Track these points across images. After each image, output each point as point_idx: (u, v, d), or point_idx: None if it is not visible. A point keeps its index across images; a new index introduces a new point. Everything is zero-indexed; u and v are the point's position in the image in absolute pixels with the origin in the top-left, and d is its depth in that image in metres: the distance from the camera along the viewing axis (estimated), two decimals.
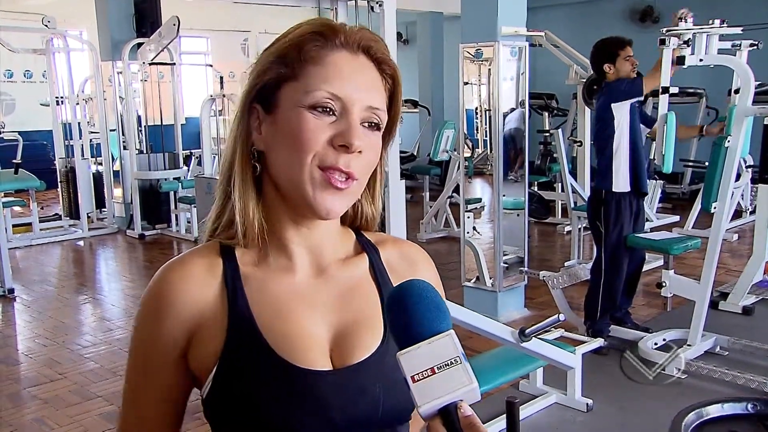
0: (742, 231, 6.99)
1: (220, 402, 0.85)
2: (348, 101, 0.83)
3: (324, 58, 0.83)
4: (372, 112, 0.84)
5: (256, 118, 0.87)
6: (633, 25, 10.55)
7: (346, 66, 0.84)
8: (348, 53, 0.85)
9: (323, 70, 0.83)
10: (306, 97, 0.82)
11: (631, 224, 4.05)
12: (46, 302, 5.49)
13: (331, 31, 0.85)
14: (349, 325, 0.88)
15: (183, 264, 0.89)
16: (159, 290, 0.87)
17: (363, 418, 0.85)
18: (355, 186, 0.84)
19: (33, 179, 7.12)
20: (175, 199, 7.63)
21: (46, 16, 7.43)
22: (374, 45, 0.86)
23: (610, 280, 4.05)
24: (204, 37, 12.43)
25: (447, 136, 7.55)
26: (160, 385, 0.89)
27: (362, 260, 0.94)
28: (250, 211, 0.87)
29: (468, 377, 0.69)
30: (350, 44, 0.85)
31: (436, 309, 0.72)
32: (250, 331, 0.85)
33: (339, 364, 0.86)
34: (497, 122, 4.56)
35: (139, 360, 0.90)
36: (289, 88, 0.84)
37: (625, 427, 3.23)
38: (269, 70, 0.85)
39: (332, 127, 0.82)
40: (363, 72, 0.85)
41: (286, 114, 0.84)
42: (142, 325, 0.89)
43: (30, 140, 8.64)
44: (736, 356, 3.87)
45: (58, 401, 3.64)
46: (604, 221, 3.99)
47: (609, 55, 3.98)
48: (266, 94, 0.86)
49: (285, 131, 0.84)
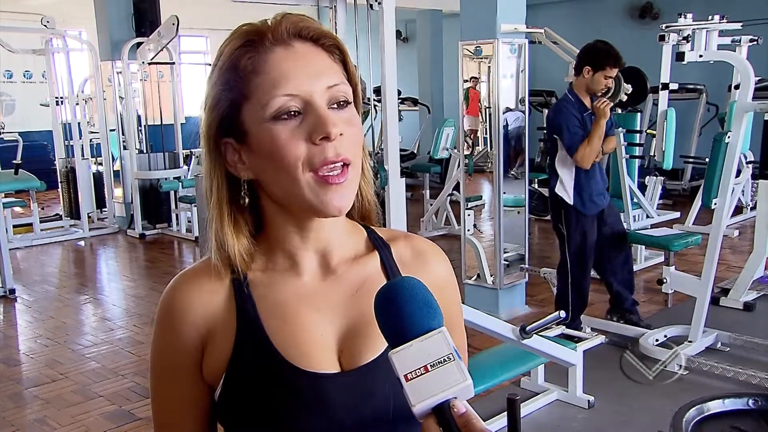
0: (742, 227, 6.99)
1: (230, 406, 0.86)
2: (305, 94, 0.80)
3: (262, 66, 0.80)
4: (334, 90, 0.82)
5: (234, 151, 0.84)
6: (632, 21, 10.55)
7: (287, 62, 0.81)
8: (282, 48, 0.81)
9: (268, 78, 0.80)
10: (265, 111, 0.80)
11: (594, 226, 3.95)
12: (47, 302, 5.50)
13: (256, 35, 0.82)
14: (358, 325, 0.87)
15: (193, 274, 0.89)
16: (171, 301, 0.88)
17: (373, 419, 0.85)
18: (351, 172, 0.82)
19: (33, 180, 7.12)
20: (176, 198, 7.63)
21: (45, 17, 7.43)
22: (304, 26, 0.83)
23: (578, 280, 4.00)
24: (203, 36, 12.44)
25: (447, 133, 7.55)
26: (186, 394, 0.89)
27: (373, 258, 0.92)
28: (233, 251, 0.86)
29: (462, 374, 0.68)
30: (280, 38, 0.81)
31: (427, 307, 0.72)
32: (257, 335, 0.85)
33: (348, 366, 0.86)
34: (497, 120, 4.56)
35: (162, 372, 0.91)
36: (247, 110, 0.81)
37: (626, 424, 3.23)
38: (219, 101, 0.83)
39: (303, 126, 0.80)
40: (305, 58, 0.82)
41: (256, 136, 0.81)
42: (159, 337, 0.90)
43: (30, 141, 8.65)
44: (738, 352, 3.87)
45: (59, 401, 3.65)
46: (565, 225, 3.92)
47: (597, 62, 3.79)
48: (228, 125, 0.83)
49: (263, 152, 0.81)
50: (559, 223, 3.97)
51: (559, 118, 3.87)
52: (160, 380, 0.91)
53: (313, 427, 0.83)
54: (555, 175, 3.92)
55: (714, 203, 3.89)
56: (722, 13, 4.36)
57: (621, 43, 4.19)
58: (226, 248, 0.86)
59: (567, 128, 3.80)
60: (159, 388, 0.92)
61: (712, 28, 4.06)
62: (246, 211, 0.87)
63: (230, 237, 0.86)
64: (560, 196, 3.90)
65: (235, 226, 0.86)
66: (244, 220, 0.87)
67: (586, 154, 3.77)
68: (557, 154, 3.90)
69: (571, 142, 3.79)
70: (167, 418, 0.92)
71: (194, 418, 0.91)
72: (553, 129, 3.91)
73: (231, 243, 0.86)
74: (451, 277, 0.96)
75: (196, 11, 10.14)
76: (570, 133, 3.79)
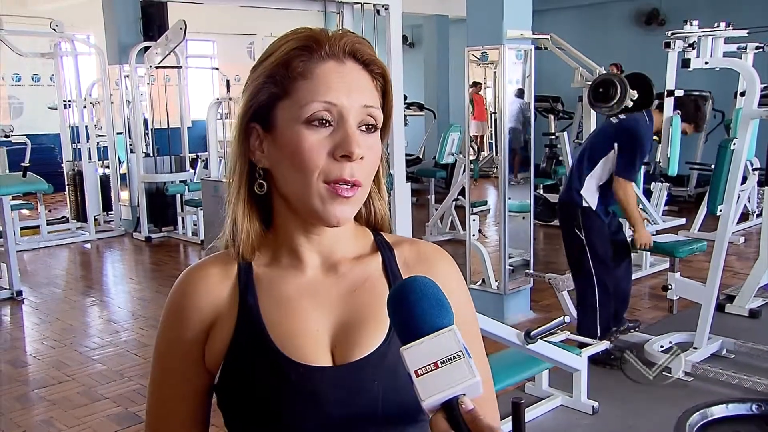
0: (748, 234, 6.97)
1: (227, 393, 0.90)
2: (342, 108, 0.84)
3: (312, 72, 0.84)
4: (367, 113, 0.86)
5: (257, 137, 0.89)
6: (638, 27, 10.54)
7: (335, 75, 0.85)
8: (334, 62, 0.85)
9: (313, 84, 0.84)
10: (301, 113, 0.83)
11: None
12: (54, 304, 5.52)
13: (315, 43, 0.85)
14: (353, 321, 0.90)
15: (201, 267, 0.94)
16: (181, 292, 0.92)
17: (361, 415, 0.86)
18: (360, 192, 0.86)
19: (41, 182, 7.13)
20: (182, 201, 7.66)
21: (54, 21, 7.47)
22: (359, 48, 0.87)
23: (608, 282, 3.91)
24: (210, 40, 12.48)
25: (452, 138, 7.56)
26: (186, 384, 0.93)
27: (375, 258, 0.95)
28: (241, 228, 0.90)
29: (471, 371, 0.70)
30: (336, 53, 0.85)
31: (439, 305, 0.74)
32: (256, 326, 0.89)
33: (340, 361, 0.88)
34: (503, 125, 4.57)
35: (165, 361, 0.94)
36: (283, 107, 0.85)
37: (631, 430, 3.23)
38: (260, 91, 0.87)
39: (331, 138, 0.84)
40: (352, 77, 0.86)
41: (284, 132, 0.85)
42: (167, 326, 0.93)
43: (38, 143, 8.69)
44: (743, 359, 3.86)
45: (65, 403, 3.67)
46: (584, 229, 3.86)
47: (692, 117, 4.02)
48: (262, 113, 0.87)
49: (286, 150, 0.85)
50: (576, 227, 3.84)
51: (640, 131, 3.80)
52: (161, 367, 0.94)
53: (303, 418, 0.86)
54: (579, 178, 3.84)
55: (719, 210, 3.88)
56: (728, 20, 4.37)
57: (627, 50, 4.21)
58: (236, 231, 0.90)
59: (639, 152, 3.79)
60: (160, 376, 0.94)
61: (718, 35, 4.06)
62: (260, 202, 0.91)
63: (242, 217, 0.90)
64: (584, 199, 3.81)
65: (249, 209, 0.91)
66: (257, 209, 0.92)
67: (629, 194, 3.78)
68: (601, 158, 3.80)
69: (631, 168, 3.77)
70: (161, 409, 0.95)
71: (188, 411, 0.93)
72: (623, 138, 3.77)
73: (242, 222, 0.90)
74: (460, 281, 0.97)
75: (204, 16, 10.19)
76: (635, 159, 3.77)
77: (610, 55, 8.82)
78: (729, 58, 4.29)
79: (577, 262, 3.93)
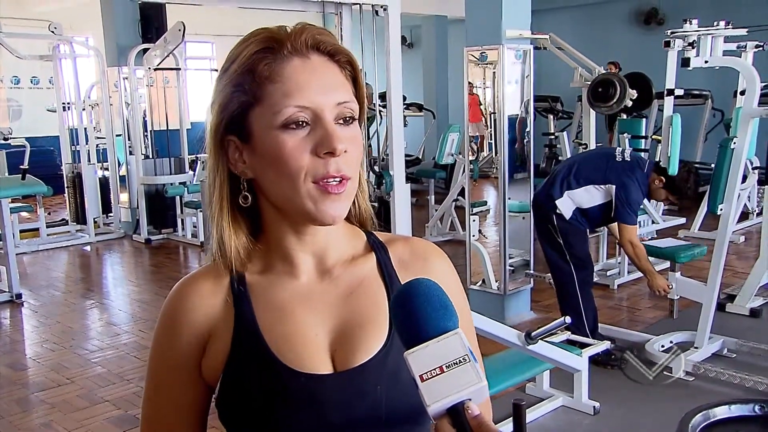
0: (749, 233, 6.96)
1: (227, 405, 0.88)
2: (317, 107, 0.82)
3: (279, 73, 0.82)
4: (343, 107, 0.84)
5: (235, 149, 0.86)
6: (638, 27, 10.54)
7: (302, 73, 0.82)
8: (299, 59, 0.83)
9: (282, 86, 0.82)
10: (275, 119, 0.81)
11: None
12: (54, 307, 5.51)
13: (276, 42, 0.83)
14: (352, 326, 0.89)
15: (193, 280, 0.92)
16: (173, 306, 0.91)
17: (364, 421, 0.85)
18: (350, 185, 0.85)
19: (40, 185, 7.13)
20: (181, 203, 7.65)
21: (52, 23, 7.46)
22: (321, 39, 0.84)
23: (588, 284, 3.95)
24: (209, 42, 12.48)
25: (452, 139, 7.56)
26: (181, 399, 0.92)
27: (369, 259, 0.94)
28: (229, 244, 0.88)
29: (477, 376, 0.69)
30: (299, 48, 0.83)
31: (443, 308, 0.72)
32: (253, 336, 0.87)
33: (341, 367, 0.87)
34: (502, 125, 4.56)
35: (160, 375, 0.93)
36: (257, 114, 0.83)
37: (632, 430, 3.22)
38: (230, 101, 0.84)
39: (310, 138, 0.82)
40: (320, 72, 0.84)
41: (263, 140, 0.83)
42: (160, 340, 0.92)
43: (37, 146, 8.69)
44: (744, 359, 3.86)
45: (65, 406, 3.66)
46: (561, 233, 3.88)
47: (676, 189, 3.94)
48: (236, 124, 0.85)
49: (268, 157, 0.83)
50: (554, 231, 3.86)
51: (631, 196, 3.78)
52: (156, 381, 0.93)
53: (305, 426, 0.84)
54: (561, 187, 3.85)
55: (720, 209, 3.88)
56: (728, 19, 4.36)
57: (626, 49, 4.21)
58: (224, 249, 0.88)
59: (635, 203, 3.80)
60: (154, 390, 0.93)
61: (718, 34, 4.06)
62: (245, 211, 0.89)
63: (228, 232, 0.88)
64: (558, 207, 3.84)
65: (234, 224, 0.89)
66: (243, 220, 0.90)
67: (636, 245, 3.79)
68: (586, 185, 3.82)
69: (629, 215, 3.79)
70: (157, 422, 0.94)
71: (184, 424, 0.92)
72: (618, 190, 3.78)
73: (228, 239, 0.88)
74: (454, 276, 0.96)
75: (202, 17, 10.18)
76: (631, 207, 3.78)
77: (610, 55, 8.81)
78: (729, 56, 4.28)
79: (555, 263, 3.95)
